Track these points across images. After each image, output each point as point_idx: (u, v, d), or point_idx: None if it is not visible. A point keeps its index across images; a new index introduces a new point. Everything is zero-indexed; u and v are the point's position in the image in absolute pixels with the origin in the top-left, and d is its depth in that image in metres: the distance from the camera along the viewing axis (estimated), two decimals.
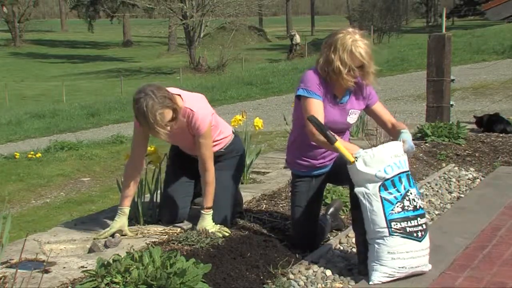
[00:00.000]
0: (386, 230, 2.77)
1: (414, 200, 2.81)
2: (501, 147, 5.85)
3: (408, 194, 2.80)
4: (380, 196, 2.76)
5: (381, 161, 2.77)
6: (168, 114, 3.16)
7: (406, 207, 2.78)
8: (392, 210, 2.76)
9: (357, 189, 2.82)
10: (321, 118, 3.00)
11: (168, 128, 3.21)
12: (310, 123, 2.93)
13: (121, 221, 3.39)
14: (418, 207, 2.82)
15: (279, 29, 55.88)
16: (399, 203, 2.77)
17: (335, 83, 3.08)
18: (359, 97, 3.21)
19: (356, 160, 2.81)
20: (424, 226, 2.84)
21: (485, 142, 6.04)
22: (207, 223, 3.35)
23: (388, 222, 2.76)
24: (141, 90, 3.15)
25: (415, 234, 2.79)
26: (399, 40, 32.57)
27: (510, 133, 6.40)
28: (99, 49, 49.16)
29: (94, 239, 3.35)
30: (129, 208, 3.45)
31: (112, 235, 3.32)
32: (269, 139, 9.04)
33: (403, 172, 2.81)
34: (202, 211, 3.38)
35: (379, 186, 2.76)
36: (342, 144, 2.87)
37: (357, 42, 3.00)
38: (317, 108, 3.04)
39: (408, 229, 2.78)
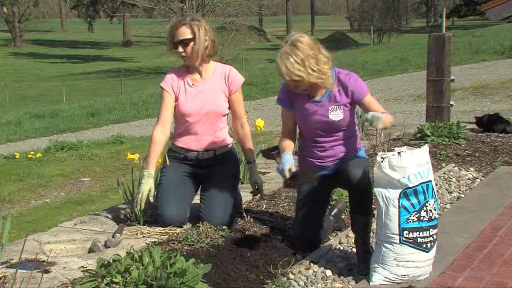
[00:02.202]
0: (397, 237, 2.74)
1: (431, 211, 2.76)
2: (501, 147, 5.85)
3: (427, 204, 2.74)
4: (399, 203, 2.72)
5: (407, 167, 2.70)
6: (185, 32, 3.44)
7: (422, 218, 2.74)
8: (408, 218, 2.72)
9: (376, 189, 2.77)
10: (288, 124, 3.25)
11: (180, 50, 3.46)
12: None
13: (148, 184, 3.44)
14: (433, 218, 2.78)
15: (279, 29, 55.89)
16: (415, 213, 2.73)
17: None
18: (341, 94, 3.12)
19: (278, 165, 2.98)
20: (434, 237, 2.80)
21: (485, 142, 6.04)
22: (257, 174, 3.70)
23: (401, 230, 2.73)
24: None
25: (424, 245, 2.76)
26: (399, 40, 32.58)
27: (510, 133, 6.40)
28: (99, 49, 49.16)
29: (139, 210, 3.53)
30: (155, 171, 3.53)
31: (113, 235, 3.33)
32: (269, 139, 9.03)
33: (425, 182, 2.75)
34: (249, 165, 3.72)
35: (400, 193, 2.71)
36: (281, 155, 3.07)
37: (277, 59, 3.01)
38: (284, 117, 3.28)
39: (419, 239, 2.75)
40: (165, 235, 3.39)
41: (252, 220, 3.65)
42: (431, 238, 2.78)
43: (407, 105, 12.82)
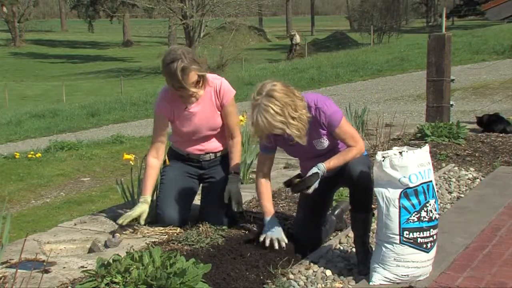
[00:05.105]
0: (397, 237, 2.74)
1: (431, 211, 2.75)
2: (501, 147, 5.85)
3: (427, 205, 2.74)
4: (399, 203, 2.71)
5: (408, 167, 2.69)
6: (194, 76, 3.32)
7: (422, 218, 2.73)
8: (408, 219, 2.72)
9: (376, 189, 2.77)
10: (267, 166, 3.21)
11: (193, 90, 3.35)
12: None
13: (141, 209, 3.46)
14: (433, 218, 2.77)
15: (279, 29, 55.87)
16: (416, 213, 2.72)
17: None
18: (318, 127, 3.05)
19: (319, 173, 2.94)
20: (434, 237, 2.80)
21: (485, 142, 6.04)
22: (234, 184, 3.51)
23: (401, 230, 2.72)
24: (172, 52, 3.32)
25: (424, 246, 2.76)
26: (399, 40, 32.58)
27: (510, 133, 6.40)
28: (99, 49, 49.19)
29: (117, 224, 3.45)
30: (151, 196, 3.52)
31: (113, 235, 3.33)
32: None
33: (426, 182, 2.74)
34: (230, 176, 3.54)
35: (400, 193, 2.71)
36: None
37: (254, 112, 2.87)
38: (263, 160, 3.22)
39: (419, 239, 2.74)
40: (165, 235, 3.39)
41: (252, 220, 3.65)
42: (431, 238, 2.78)
43: (407, 105, 12.82)
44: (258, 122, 2.86)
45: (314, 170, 2.96)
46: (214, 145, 3.64)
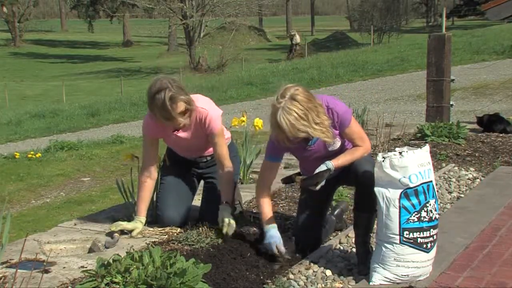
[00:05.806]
0: (397, 237, 2.74)
1: (431, 211, 2.75)
2: (501, 147, 5.85)
3: (427, 205, 2.74)
4: (399, 203, 2.71)
5: (408, 167, 2.69)
6: (181, 105, 3.22)
7: (422, 218, 2.73)
8: (408, 219, 2.72)
9: (376, 189, 2.76)
10: (269, 177, 3.19)
11: (182, 120, 3.25)
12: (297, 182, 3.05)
13: (135, 225, 3.42)
14: (433, 218, 2.77)
15: (279, 29, 55.86)
16: (416, 213, 2.72)
17: None
18: (331, 128, 2.99)
19: (330, 169, 2.93)
20: (434, 237, 2.80)
21: (485, 142, 6.04)
22: (226, 213, 3.33)
23: (401, 230, 2.72)
24: (158, 82, 3.21)
25: (424, 246, 2.76)
26: (399, 40, 32.58)
27: (510, 133, 6.40)
28: (99, 49, 49.21)
29: (110, 229, 3.40)
30: (146, 218, 3.48)
31: (111, 236, 3.33)
32: (268, 139, 8.99)
33: (426, 182, 2.74)
34: (221, 206, 3.38)
35: (401, 193, 2.71)
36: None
37: (278, 116, 2.79)
38: (266, 171, 3.21)
39: (419, 239, 2.74)
40: (165, 235, 3.39)
41: (252, 220, 3.65)
42: (431, 239, 2.78)
43: (407, 105, 12.83)
44: (281, 125, 2.79)
45: (323, 167, 2.94)
46: (210, 150, 3.61)
